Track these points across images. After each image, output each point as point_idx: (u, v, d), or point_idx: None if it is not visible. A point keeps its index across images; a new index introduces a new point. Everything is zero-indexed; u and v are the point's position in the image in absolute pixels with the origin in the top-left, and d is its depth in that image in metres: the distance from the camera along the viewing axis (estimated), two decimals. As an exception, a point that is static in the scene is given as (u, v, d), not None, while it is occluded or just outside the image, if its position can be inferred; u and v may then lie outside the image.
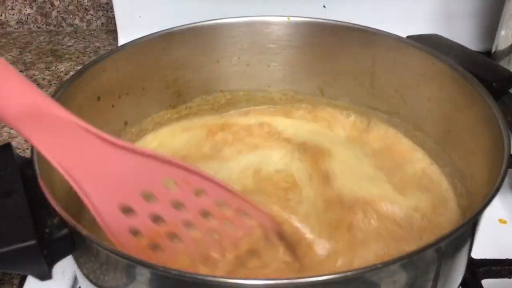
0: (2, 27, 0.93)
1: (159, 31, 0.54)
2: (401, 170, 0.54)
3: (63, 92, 0.45)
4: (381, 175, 0.53)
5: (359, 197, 0.50)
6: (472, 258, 0.49)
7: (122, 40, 0.82)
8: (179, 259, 0.41)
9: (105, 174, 0.36)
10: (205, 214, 0.42)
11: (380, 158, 0.55)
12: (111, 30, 0.92)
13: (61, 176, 0.43)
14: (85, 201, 0.36)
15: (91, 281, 0.38)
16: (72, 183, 0.36)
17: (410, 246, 0.45)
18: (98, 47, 0.89)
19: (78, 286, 0.49)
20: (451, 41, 0.56)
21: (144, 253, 0.39)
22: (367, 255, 0.44)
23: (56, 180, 0.42)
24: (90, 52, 0.87)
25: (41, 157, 0.39)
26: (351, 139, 0.57)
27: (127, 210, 0.38)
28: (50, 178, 0.39)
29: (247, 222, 0.43)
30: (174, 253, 0.40)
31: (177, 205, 0.40)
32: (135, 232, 0.39)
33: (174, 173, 0.39)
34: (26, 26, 0.93)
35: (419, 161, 0.54)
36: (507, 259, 0.49)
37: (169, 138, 0.58)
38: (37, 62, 0.84)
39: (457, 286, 0.41)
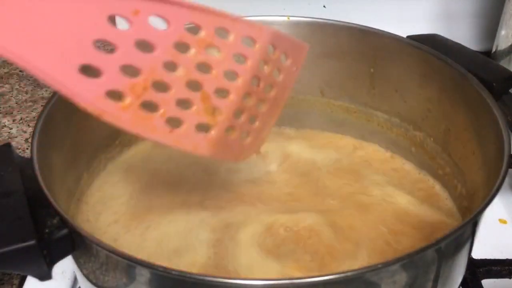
0: (2, 27, 0.93)
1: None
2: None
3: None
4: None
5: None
6: (473, 258, 0.49)
7: (122, 40, 0.82)
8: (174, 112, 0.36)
9: (47, 36, 0.31)
10: (182, 47, 0.36)
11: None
12: (111, 30, 0.92)
13: (60, 176, 0.43)
14: (49, 81, 0.31)
15: (91, 281, 0.38)
16: (20, 63, 0.31)
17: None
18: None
19: (78, 287, 0.49)
20: (451, 41, 0.56)
21: (134, 116, 0.34)
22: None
23: (56, 180, 0.42)
24: (90, 52, 0.87)
25: (41, 157, 0.39)
26: None
27: (93, 73, 0.33)
28: (50, 178, 0.39)
29: (233, 42, 0.37)
30: (167, 104, 0.35)
31: (144, 46, 0.34)
32: (115, 95, 0.34)
33: (115, 6, 0.32)
34: (25, 26, 0.93)
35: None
36: (507, 259, 0.49)
37: None
38: (37, 62, 0.84)
39: (457, 286, 0.41)
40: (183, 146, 0.37)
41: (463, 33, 0.79)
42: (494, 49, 0.72)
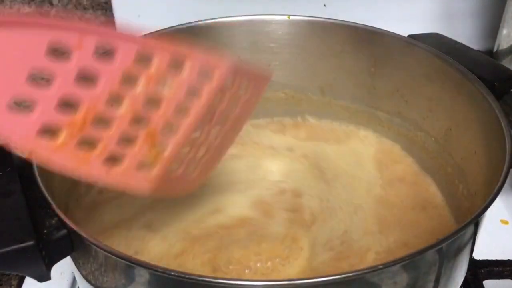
0: (2, 26, 0.93)
1: (158, 31, 0.54)
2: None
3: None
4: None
5: None
6: (474, 259, 0.48)
7: (121, 39, 0.81)
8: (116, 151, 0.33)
9: None
10: (129, 80, 0.32)
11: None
12: (111, 29, 0.92)
13: (59, 176, 0.43)
14: None
15: (89, 282, 0.38)
16: None
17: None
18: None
19: (76, 287, 0.49)
20: (453, 40, 0.55)
21: (68, 154, 0.31)
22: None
23: (55, 180, 0.41)
24: (90, 51, 0.87)
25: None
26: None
27: (25, 107, 0.30)
28: (48, 178, 0.39)
29: (188, 75, 0.34)
30: (107, 141, 0.32)
31: (86, 78, 0.31)
32: (48, 132, 0.31)
33: (56, 36, 0.28)
34: (25, 25, 0.93)
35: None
36: (508, 260, 0.49)
37: None
38: (37, 62, 0.84)
39: (458, 287, 0.41)
40: (120, 185, 0.34)
41: (464, 32, 0.78)
42: (495, 49, 0.72)
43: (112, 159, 0.33)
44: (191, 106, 0.35)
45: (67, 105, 0.31)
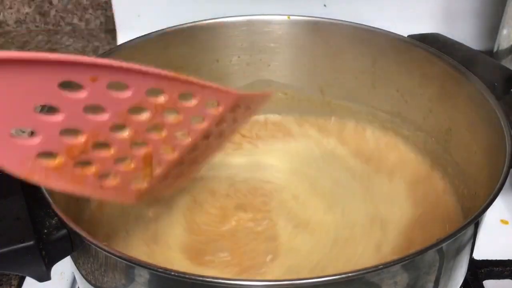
0: (1, 26, 0.93)
1: (158, 30, 0.54)
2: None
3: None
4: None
5: None
6: (474, 259, 0.48)
7: (121, 39, 0.82)
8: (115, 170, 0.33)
9: None
10: (136, 109, 0.33)
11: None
12: (110, 30, 0.92)
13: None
14: None
15: (89, 282, 0.38)
16: None
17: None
18: (97, 47, 0.89)
19: (76, 287, 0.49)
20: (453, 40, 0.55)
21: (64, 174, 0.31)
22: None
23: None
24: (89, 51, 0.87)
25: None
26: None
27: (27, 133, 0.30)
28: (48, 178, 0.39)
29: (195, 106, 0.35)
30: (104, 162, 0.33)
31: (93, 109, 0.31)
32: (47, 155, 0.30)
33: (71, 73, 0.28)
34: (24, 26, 0.93)
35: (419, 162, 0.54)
36: (508, 260, 0.49)
37: None
38: (36, 61, 0.84)
39: (458, 287, 0.41)
40: (110, 198, 0.35)
41: (464, 32, 0.78)
42: (496, 48, 0.72)
43: (106, 175, 0.34)
44: (191, 131, 0.36)
45: (70, 131, 0.31)
